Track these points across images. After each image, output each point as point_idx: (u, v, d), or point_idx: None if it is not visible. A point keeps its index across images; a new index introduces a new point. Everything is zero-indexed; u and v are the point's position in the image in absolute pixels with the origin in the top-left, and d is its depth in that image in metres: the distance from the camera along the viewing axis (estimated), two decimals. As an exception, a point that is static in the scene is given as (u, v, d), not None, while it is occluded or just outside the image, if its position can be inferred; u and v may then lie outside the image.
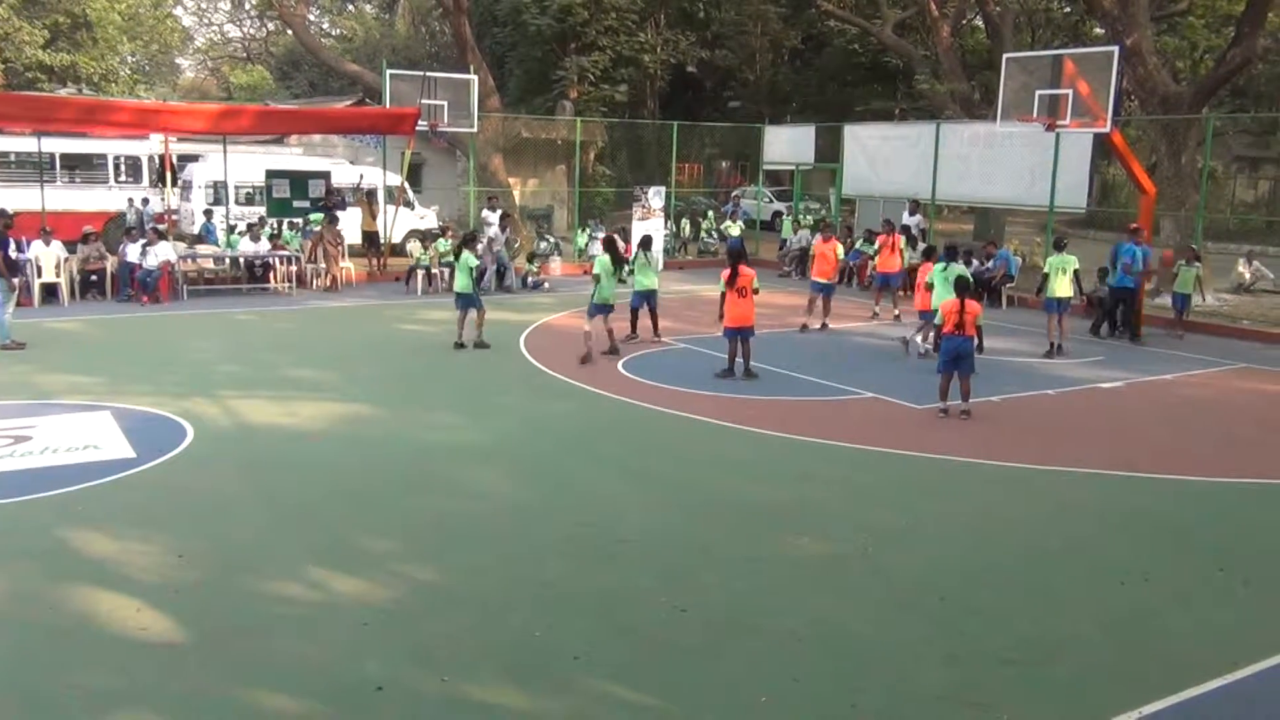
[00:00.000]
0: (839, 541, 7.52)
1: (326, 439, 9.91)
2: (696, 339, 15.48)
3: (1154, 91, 20.33)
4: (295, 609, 6.22)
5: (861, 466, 9.53)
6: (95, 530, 7.33)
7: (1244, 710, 5.30)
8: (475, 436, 10.25)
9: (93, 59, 42.10)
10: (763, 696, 5.28)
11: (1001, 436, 10.61)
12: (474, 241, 15.27)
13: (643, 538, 7.53)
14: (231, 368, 12.90)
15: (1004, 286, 20.11)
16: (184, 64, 68.33)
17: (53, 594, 6.30)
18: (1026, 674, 5.61)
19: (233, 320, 16.69)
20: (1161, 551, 7.51)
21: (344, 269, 20.56)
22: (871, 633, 6.07)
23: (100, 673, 5.40)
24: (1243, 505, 8.75)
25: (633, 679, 5.46)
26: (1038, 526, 7.98)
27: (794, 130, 28.53)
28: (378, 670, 5.43)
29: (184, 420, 10.27)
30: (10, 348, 13.38)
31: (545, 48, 36.83)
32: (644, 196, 24.17)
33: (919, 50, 32.69)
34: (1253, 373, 14.25)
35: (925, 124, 24.16)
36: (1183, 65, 34.24)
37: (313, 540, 7.30)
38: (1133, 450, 10.15)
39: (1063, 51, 19.39)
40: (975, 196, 23.09)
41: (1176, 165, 20.30)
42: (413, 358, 13.99)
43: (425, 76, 22.19)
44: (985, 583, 6.86)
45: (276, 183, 23.10)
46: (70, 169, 23.56)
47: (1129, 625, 6.24)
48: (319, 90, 50.23)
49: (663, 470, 9.29)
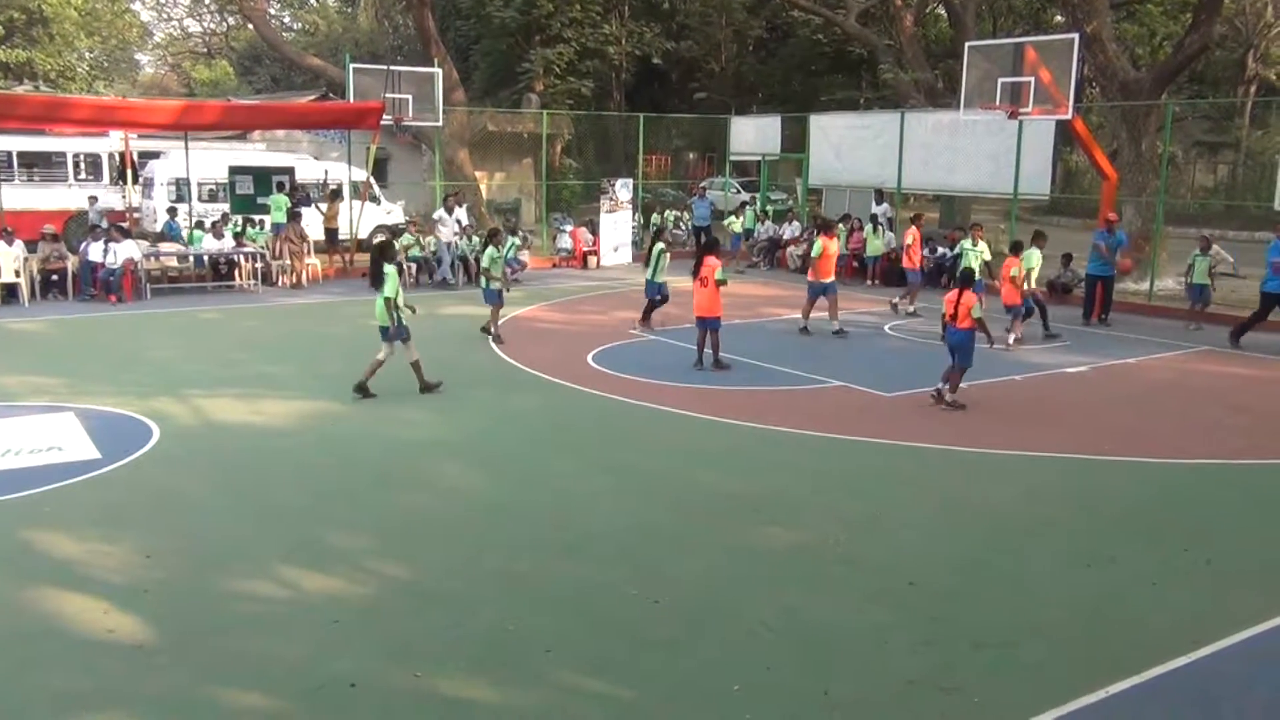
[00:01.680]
0: (809, 530, 7.57)
1: (294, 437, 9.84)
2: (665, 331, 15.49)
3: (1114, 78, 20.53)
4: (266, 607, 6.18)
5: (830, 455, 9.58)
6: (61, 532, 7.24)
7: (1207, 687, 5.39)
8: (444, 432, 10.21)
9: (49, 55, 41.55)
10: (736, 686, 5.30)
11: (969, 422, 10.69)
12: (498, 236, 14.99)
13: (613, 530, 7.54)
14: (197, 366, 12.77)
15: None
16: (144, 60, 67.61)
17: (19, 596, 6.22)
18: (997, 657, 5.67)
19: (198, 319, 16.53)
20: (1127, 533, 7.60)
21: (309, 265, 20.40)
22: (843, 620, 6.11)
23: (69, 674, 5.34)
24: (1206, 486, 8.88)
25: (605, 671, 5.47)
26: (1006, 511, 8.07)
27: (760, 121, 28.57)
28: (350, 667, 5.41)
29: (149, 420, 10.16)
30: None
31: (510, 40, 36.71)
32: (611, 189, 24.18)
33: (883, 40, 32.86)
34: (1215, 355, 14.44)
35: (890, 113, 24.26)
36: (1142, 52, 34.69)
37: (282, 538, 7.26)
38: (1098, 434, 10.27)
39: (1024, 40, 19.58)
40: (940, 185, 23.24)
41: (1137, 151, 20.53)
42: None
43: (389, 70, 22.04)
44: (954, 568, 6.92)
45: (240, 179, 22.88)
46: (29, 167, 23.22)
47: (1096, 607, 6.32)
48: (282, 85, 49.82)
49: (633, 462, 9.30)
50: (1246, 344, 14.85)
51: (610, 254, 24.36)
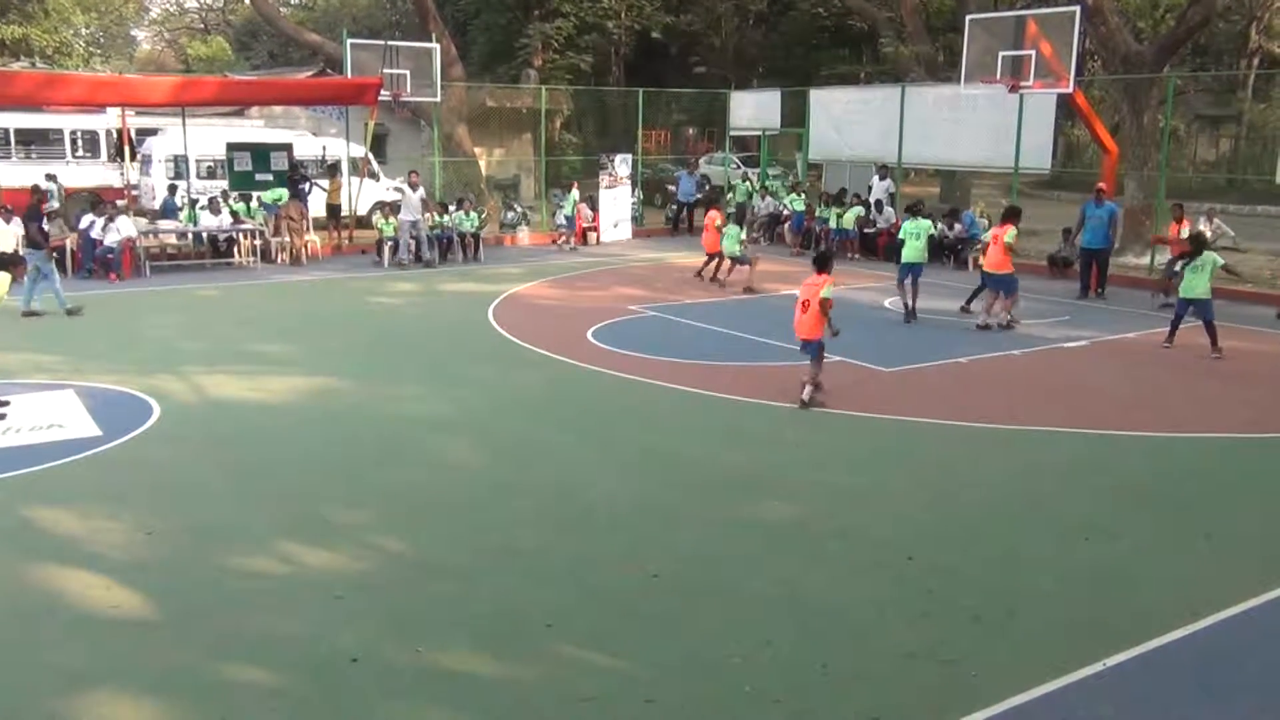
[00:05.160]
0: (807, 505, 7.59)
1: (295, 413, 9.85)
2: (665, 307, 15.48)
3: (1116, 51, 20.41)
4: (267, 583, 6.21)
5: (829, 430, 9.59)
6: (63, 509, 7.27)
7: (1204, 659, 5.42)
8: (444, 408, 10.23)
9: (45, 32, 41.29)
10: (735, 659, 5.33)
11: (967, 397, 10.71)
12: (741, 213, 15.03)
13: (613, 504, 7.56)
14: (197, 344, 12.77)
15: (969, 250, 20.18)
16: (140, 36, 67.18)
17: (21, 574, 6.25)
18: (994, 630, 5.70)
19: (197, 296, 16.51)
20: (1125, 507, 7.62)
21: (309, 242, 20.35)
22: (841, 594, 6.14)
23: (72, 651, 5.37)
24: (1205, 460, 8.89)
25: (605, 645, 5.50)
26: (1003, 485, 8.09)
27: (760, 95, 28.41)
28: (352, 642, 5.44)
29: (150, 397, 10.17)
30: (32, 314, 14.11)
31: (508, 15, 36.45)
32: (610, 164, 24.10)
33: (883, 13, 32.59)
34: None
35: (890, 87, 24.13)
36: (1144, 24, 34.43)
37: (283, 514, 7.28)
38: (1097, 408, 10.28)
39: (1026, 13, 19.43)
40: (941, 159, 23.15)
41: (1139, 125, 20.44)
42: (380, 330, 13.91)
43: (387, 46, 21.90)
44: (952, 541, 6.94)
45: (238, 156, 22.77)
46: (26, 144, 23.12)
47: (1094, 579, 6.35)
48: (279, 61, 49.50)
49: (631, 437, 9.32)
50: (1244, 317, 14.83)
51: (610, 230, 24.30)
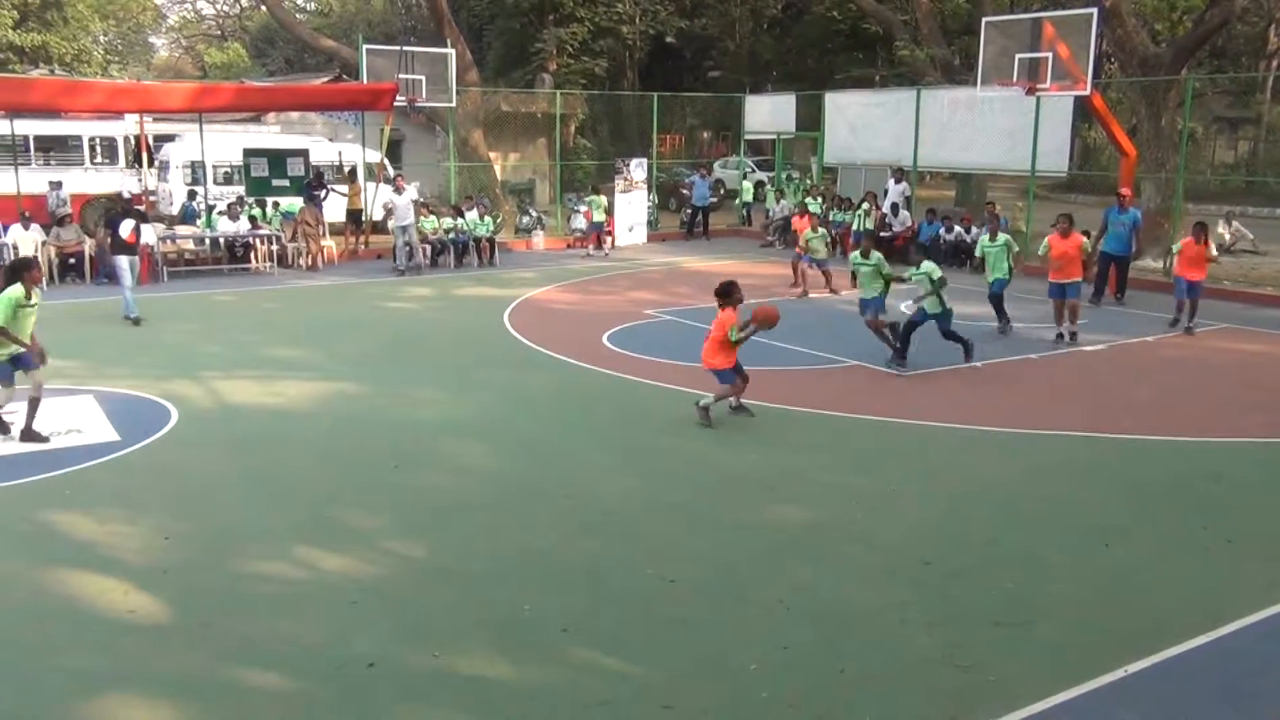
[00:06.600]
0: (824, 509, 7.56)
1: (311, 418, 9.88)
2: (679, 311, 15.47)
3: (1133, 53, 20.30)
4: (284, 588, 6.22)
5: (845, 434, 9.56)
6: (81, 513, 7.30)
7: (1227, 667, 5.36)
8: (460, 412, 10.24)
9: (64, 39, 41.61)
10: (752, 664, 5.31)
11: (986, 401, 10.65)
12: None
13: (629, 509, 7.55)
14: (214, 349, 12.83)
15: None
16: (158, 43, 67.59)
17: (41, 577, 6.28)
18: (1013, 635, 5.66)
19: (214, 301, 16.58)
20: (1145, 511, 7.57)
21: (325, 247, 20.42)
22: (858, 598, 6.11)
23: (89, 654, 5.39)
24: (1225, 464, 8.81)
25: (621, 649, 5.48)
26: (1022, 489, 8.04)
27: (775, 99, 28.38)
28: (368, 647, 5.44)
29: (168, 402, 10.21)
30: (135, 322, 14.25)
31: (523, 20, 36.53)
32: (625, 168, 24.11)
33: (898, 16, 32.52)
34: (1234, 333, 14.34)
35: (906, 90, 24.05)
36: (1162, 26, 34.22)
37: (300, 519, 7.29)
38: (1116, 412, 10.21)
39: (1042, 15, 19.36)
40: (956, 162, 23.07)
41: (1156, 127, 20.32)
42: (396, 335, 13.94)
43: (402, 51, 21.99)
44: (970, 546, 6.90)
45: (255, 161, 22.88)
46: (45, 151, 23.27)
47: (1114, 585, 6.30)
48: (295, 67, 49.76)
49: (647, 441, 9.30)
50: (1264, 320, 14.72)
51: (625, 234, 24.30)
